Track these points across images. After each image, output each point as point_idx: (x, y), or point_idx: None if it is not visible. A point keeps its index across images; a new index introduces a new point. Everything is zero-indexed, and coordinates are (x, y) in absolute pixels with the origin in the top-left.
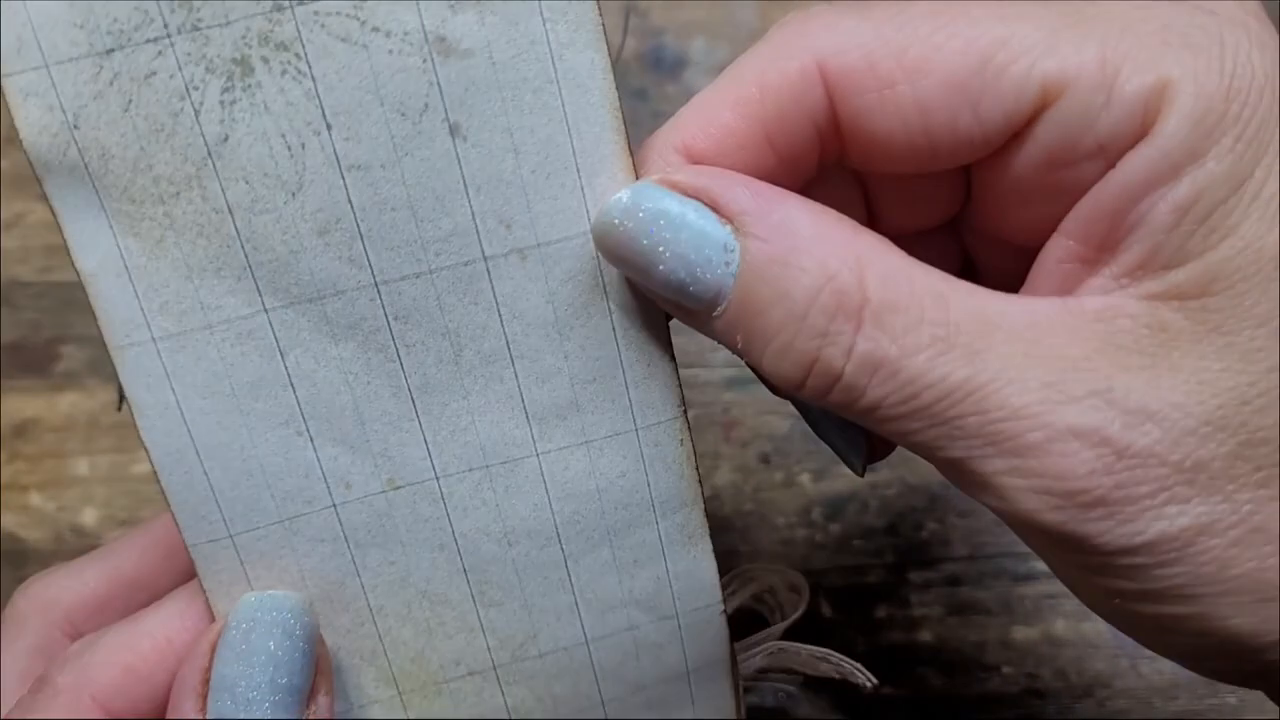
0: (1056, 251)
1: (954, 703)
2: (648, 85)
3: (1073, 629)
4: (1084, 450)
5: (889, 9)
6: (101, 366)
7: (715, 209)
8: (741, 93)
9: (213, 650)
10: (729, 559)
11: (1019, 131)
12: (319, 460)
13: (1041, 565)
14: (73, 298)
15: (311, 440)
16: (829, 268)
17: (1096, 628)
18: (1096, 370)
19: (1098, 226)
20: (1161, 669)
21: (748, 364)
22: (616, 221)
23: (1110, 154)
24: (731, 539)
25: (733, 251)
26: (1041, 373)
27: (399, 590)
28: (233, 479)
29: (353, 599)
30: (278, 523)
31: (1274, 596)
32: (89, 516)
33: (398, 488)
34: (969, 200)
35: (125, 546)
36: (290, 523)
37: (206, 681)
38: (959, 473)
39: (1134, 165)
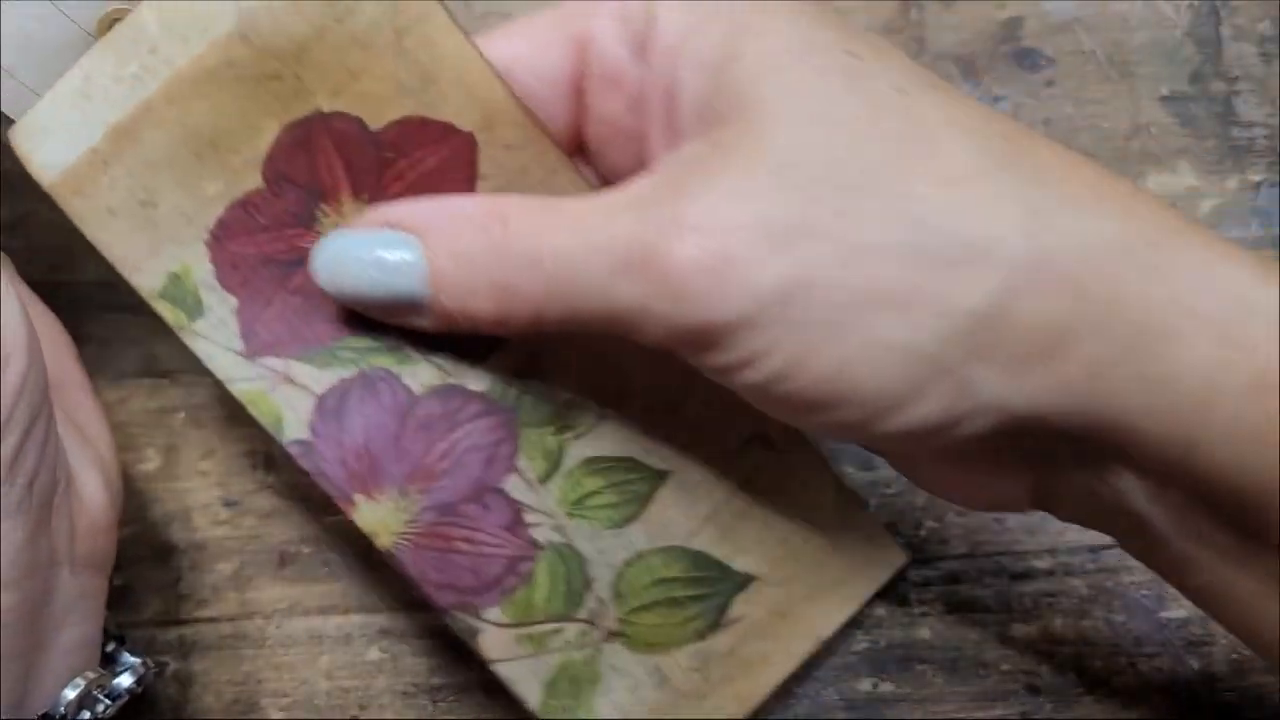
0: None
1: (953, 700)
2: None
3: (1071, 627)
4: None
5: None
6: (105, 366)
7: (396, 227)
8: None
9: None
10: None
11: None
12: None
13: (1040, 563)
14: (78, 298)
15: None
16: (483, 215)
17: (1095, 625)
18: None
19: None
20: (1160, 667)
21: (481, 329)
22: (325, 267)
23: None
24: None
25: (417, 249)
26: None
27: None
28: None
29: None
30: None
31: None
32: None
33: None
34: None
35: None
36: None
37: None
38: (614, 325)
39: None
